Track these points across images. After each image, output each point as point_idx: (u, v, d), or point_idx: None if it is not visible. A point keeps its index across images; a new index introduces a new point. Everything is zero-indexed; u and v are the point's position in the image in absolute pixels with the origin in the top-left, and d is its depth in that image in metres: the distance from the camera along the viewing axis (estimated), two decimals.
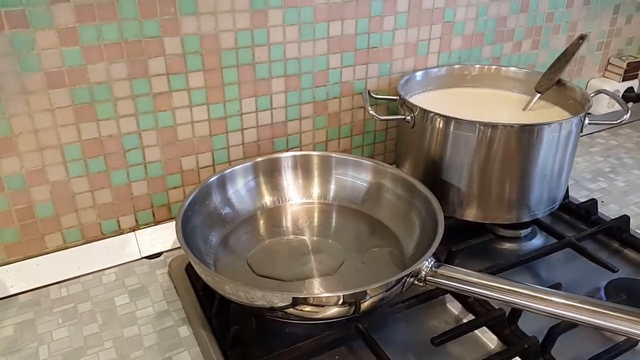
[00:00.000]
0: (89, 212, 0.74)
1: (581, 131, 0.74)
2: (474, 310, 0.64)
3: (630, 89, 1.15)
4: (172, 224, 0.63)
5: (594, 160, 1.04)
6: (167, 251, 0.77)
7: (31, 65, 0.63)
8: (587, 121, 0.74)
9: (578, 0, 1.03)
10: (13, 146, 0.66)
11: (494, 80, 0.88)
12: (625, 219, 0.78)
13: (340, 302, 0.55)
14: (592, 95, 0.77)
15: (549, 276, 0.72)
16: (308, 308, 0.55)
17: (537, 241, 0.79)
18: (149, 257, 0.76)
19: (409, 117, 0.75)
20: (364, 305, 0.56)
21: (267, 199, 0.78)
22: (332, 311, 0.56)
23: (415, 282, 0.59)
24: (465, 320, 0.63)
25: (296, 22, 0.77)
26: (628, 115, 0.76)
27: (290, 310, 0.55)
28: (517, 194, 0.73)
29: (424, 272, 0.58)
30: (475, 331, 0.61)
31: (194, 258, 0.59)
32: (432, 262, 0.59)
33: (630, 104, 1.12)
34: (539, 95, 0.82)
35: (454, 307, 0.66)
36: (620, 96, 1.13)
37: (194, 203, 0.68)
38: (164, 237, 0.78)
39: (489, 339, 0.61)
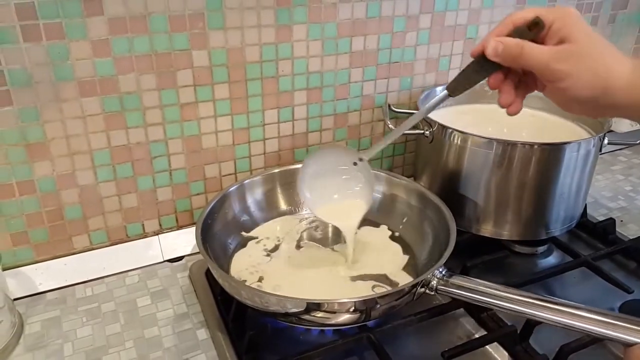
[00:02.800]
0: (115, 216, 0.75)
1: (600, 150, 0.73)
2: (486, 326, 0.64)
3: None
4: (192, 228, 0.64)
5: (614, 178, 1.02)
6: (188, 255, 0.78)
7: (65, 75, 0.65)
8: (606, 141, 0.73)
9: (602, 19, 1.02)
10: (46, 151, 0.68)
11: None
12: None
13: (351, 309, 0.55)
14: None
15: (563, 294, 0.71)
16: (320, 314, 0.55)
17: (553, 259, 0.78)
18: (171, 261, 0.77)
19: (427, 132, 0.75)
20: (375, 312, 0.57)
21: (285, 208, 0.79)
22: (344, 318, 0.56)
23: (427, 291, 0.59)
24: (477, 335, 0.63)
25: (319, 37, 0.78)
26: None
27: (304, 315, 0.55)
28: (534, 211, 0.73)
29: (435, 282, 0.58)
30: (487, 346, 0.61)
31: (212, 263, 0.60)
32: (444, 272, 0.59)
33: None
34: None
35: (467, 321, 0.66)
36: None
37: (213, 211, 0.69)
38: (186, 241, 0.78)
39: (500, 355, 0.61)
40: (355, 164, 0.65)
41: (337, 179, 0.67)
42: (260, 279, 0.67)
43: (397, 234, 0.75)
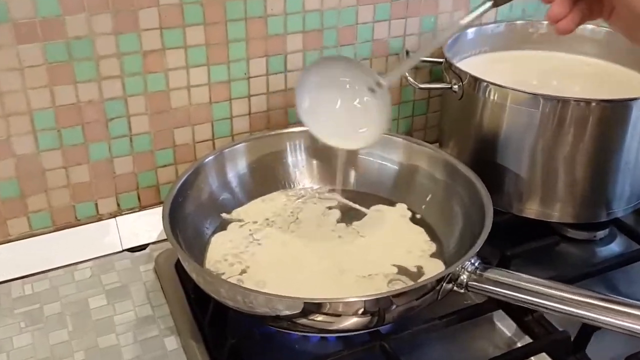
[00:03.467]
0: (62, 193, 0.74)
1: None
2: (532, 332, 0.62)
3: None
4: (159, 209, 0.63)
5: None
6: (153, 243, 0.77)
7: None
8: None
9: None
10: None
11: (566, 41, 0.84)
12: None
13: (360, 311, 0.53)
14: None
15: (628, 291, 0.70)
16: (320, 317, 0.54)
17: (616, 246, 0.77)
18: (132, 250, 0.76)
19: (456, 86, 0.74)
20: (390, 315, 0.55)
21: (276, 183, 0.78)
22: (350, 322, 0.55)
23: (455, 288, 0.57)
24: (519, 344, 0.62)
25: None
26: None
27: (300, 319, 0.54)
28: (592, 186, 0.71)
29: (465, 276, 0.57)
30: (532, 358, 0.60)
31: (183, 253, 0.58)
32: (477, 263, 0.57)
33: None
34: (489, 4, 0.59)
35: (506, 326, 0.64)
36: None
37: (185, 187, 0.68)
38: (150, 225, 0.77)
39: None
40: (372, 90, 0.65)
41: (346, 102, 0.67)
42: (243, 272, 0.65)
43: (418, 215, 0.74)
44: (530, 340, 0.61)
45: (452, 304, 0.62)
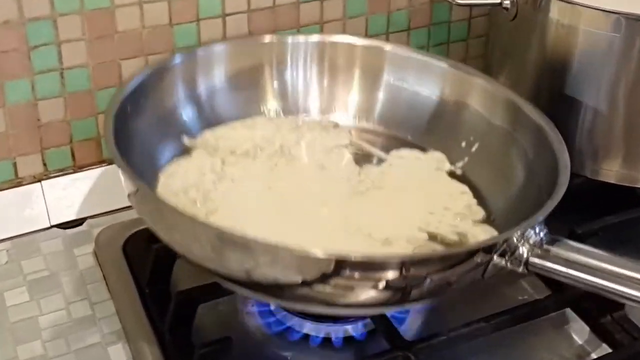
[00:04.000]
0: None
1: None
2: (611, 338, 0.61)
3: None
4: (101, 170, 0.64)
5: None
6: (92, 217, 0.76)
7: None
8: None
9: None
10: None
11: None
12: None
13: (381, 283, 0.50)
14: None
15: None
16: (329, 288, 0.51)
17: None
18: (64, 226, 0.75)
19: (507, 2, 0.74)
20: (416, 291, 0.52)
21: (268, 106, 0.76)
22: (366, 295, 0.52)
23: (509, 265, 0.53)
24: (594, 356, 0.61)
25: None
26: None
27: (303, 289, 0.51)
28: None
29: (525, 249, 0.53)
30: None
31: (130, 173, 0.54)
32: (542, 234, 0.53)
33: None
34: None
35: (577, 330, 0.64)
36: None
37: (139, 92, 0.66)
38: (88, 192, 0.76)
39: None
40: None
41: None
42: (209, 214, 0.63)
43: (459, 170, 0.72)
44: (610, 350, 0.60)
45: (502, 300, 0.62)
